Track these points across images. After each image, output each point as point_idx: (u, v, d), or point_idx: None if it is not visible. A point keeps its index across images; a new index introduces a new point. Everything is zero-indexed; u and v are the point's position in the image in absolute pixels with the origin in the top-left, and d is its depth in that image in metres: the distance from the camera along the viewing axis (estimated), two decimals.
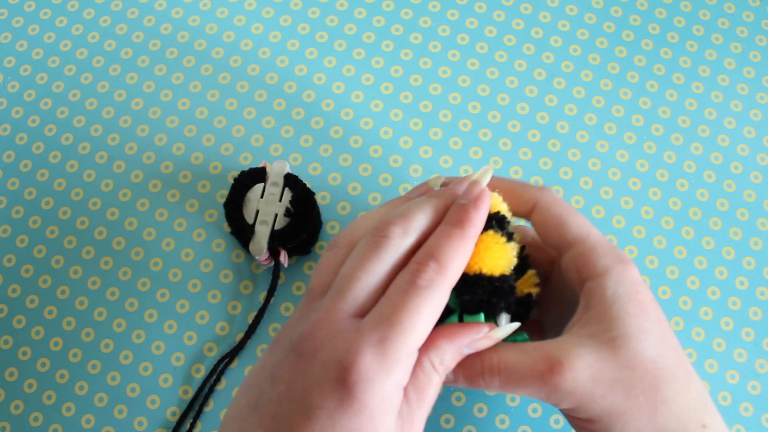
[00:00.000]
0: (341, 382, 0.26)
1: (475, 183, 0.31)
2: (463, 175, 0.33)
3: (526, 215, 0.33)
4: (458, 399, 0.41)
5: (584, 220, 0.32)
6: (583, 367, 0.28)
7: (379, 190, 0.44)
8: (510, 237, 0.31)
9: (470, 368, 0.30)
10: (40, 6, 0.49)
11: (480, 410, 0.41)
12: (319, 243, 0.43)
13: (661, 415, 0.28)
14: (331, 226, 0.44)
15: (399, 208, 0.31)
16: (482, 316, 0.30)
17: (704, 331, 0.42)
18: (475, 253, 0.30)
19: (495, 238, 0.31)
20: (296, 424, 0.26)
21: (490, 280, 0.30)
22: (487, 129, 0.46)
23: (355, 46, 0.47)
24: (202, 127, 0.46)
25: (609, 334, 0.29)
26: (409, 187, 0.44)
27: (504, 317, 0.31)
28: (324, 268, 0.31)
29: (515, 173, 0.45)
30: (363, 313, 0.28)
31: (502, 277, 0.30)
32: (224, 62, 0.47)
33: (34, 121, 0.46)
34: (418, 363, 0.28)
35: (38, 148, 0.46)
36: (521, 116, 0.46)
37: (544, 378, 0.29)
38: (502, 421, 0.40)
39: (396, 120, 0.46)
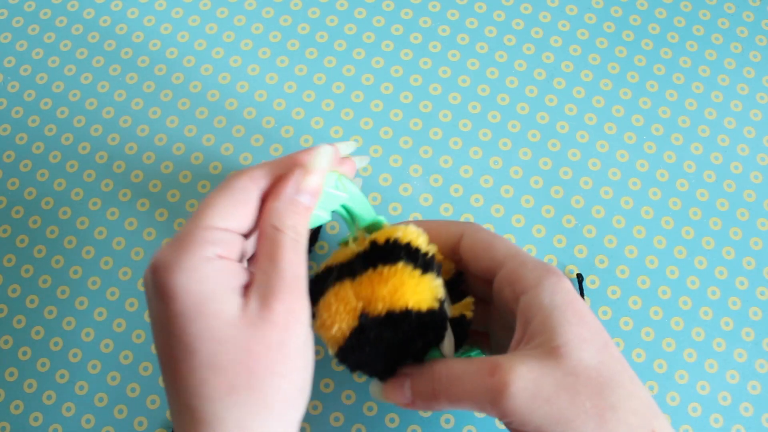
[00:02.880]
0: (150, 280, 0.28)
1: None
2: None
3: (455, 248, 0.34)
4: None
5: (510, 242, 0.33)
6: (524, 372, 0.28)
7: (379, 189, 0.44)
8: (426, 268, 0.31)
9: (421, 383, 0.31)
10: (40, 6, 0.49)
11: None
12: (320, 243, 0.43)
13: (609, 422, 0.28)
14: (331, 226, 0.44)
15: None
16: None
17: (704, 331, 0.42)
18: (394, 290, 0.30)
19: (407, 270, 0.31)
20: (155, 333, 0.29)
21: (418, 315, 0.30)
22: (487, 129, 0.46)
23: (355, 46, 0.47)
24: (202, 127, 0.46)
25: (551, 344, 0.29)
26: (410, 188, 0.44)
27: (446, 340, 0.31)
28: None
29: (515, 173, 0.45)
30: None
31: (430, 312, 0.30)
32: (224, 62, 0.47)
33: (34, 121, 0.46)
34: (261, 233, 0.29)
35: (38, 148, 0.46)
36: (521, 116, 0.46)
37: (487, 382, 0.28)
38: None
39: (396, 120, 0.46)
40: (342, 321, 0.31)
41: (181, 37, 0.48)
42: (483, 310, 0.35)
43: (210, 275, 0.28)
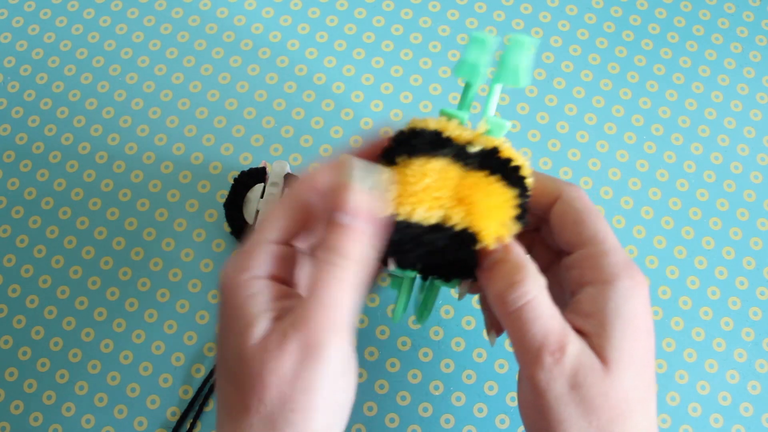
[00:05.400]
0: None
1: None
2: None
3: (547, 207, 0.31)
4: (458, 399, 0.41)
5: (604, 223, 0.30)
6: (574, 357, 0.27)
7: None
8: (523, 213, 0.29)
9: (507, 269, 0.28)
10: (40, 6, 0.49)
11: (480, 410, 0.41)
12: None
13: None
14: None
15: None
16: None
17: (704, 331, 0.42)
18: (488, 210, 0.28)
19: (514, 201, 0.28)
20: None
21: (478, 249, 0.28)
22: None
23: (355, 46, 0.47)
24: (202, 127, 0.46)
25: (601, 353, 0.28)
26: None
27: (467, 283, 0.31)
28: None
29: None
30: None
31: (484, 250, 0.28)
32: (224, 62, 0.47)
33: (34, 121, 0.46)
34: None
35: (38, 148, 0.46)
36: (521, 116, 0.46)
37: (543, 341, 0.27)
38: (502, 421, 0.40)
39: (396, 120, 0.46)
40: (420, 203, 0.28)
41: (181, 37, 0.48)
42: None
43: (247, 295, 0.27)
